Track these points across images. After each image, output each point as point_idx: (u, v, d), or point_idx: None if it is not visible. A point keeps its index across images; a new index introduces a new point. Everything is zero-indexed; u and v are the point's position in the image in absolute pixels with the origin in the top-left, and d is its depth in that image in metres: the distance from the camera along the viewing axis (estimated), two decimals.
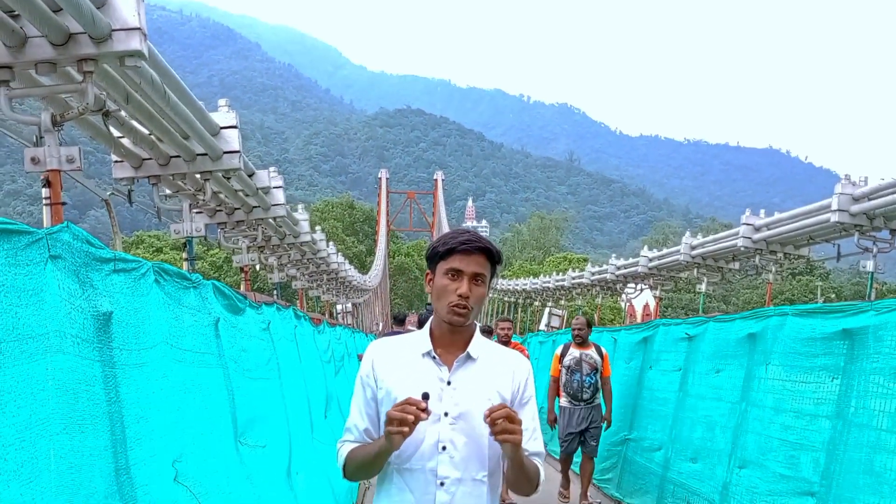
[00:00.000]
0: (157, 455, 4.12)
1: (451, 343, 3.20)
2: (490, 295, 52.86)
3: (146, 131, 6.60)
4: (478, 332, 3.27)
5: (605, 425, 11.41)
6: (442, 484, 3.05)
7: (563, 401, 11.44)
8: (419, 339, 3.25)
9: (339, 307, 31.80)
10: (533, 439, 3.22)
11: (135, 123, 6.40)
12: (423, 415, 2.80)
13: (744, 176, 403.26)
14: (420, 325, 16.07)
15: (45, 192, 4.74)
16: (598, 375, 11.27)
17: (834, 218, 10.82)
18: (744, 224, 13.99)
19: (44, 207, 4.76)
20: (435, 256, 3.18)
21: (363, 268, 65.17)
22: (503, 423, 2.82)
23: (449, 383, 3.12)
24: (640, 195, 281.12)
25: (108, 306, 3.64)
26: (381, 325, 61.69)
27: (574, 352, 11.38)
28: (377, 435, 3.19)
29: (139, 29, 4.70)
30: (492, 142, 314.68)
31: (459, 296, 3.07)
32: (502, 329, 11.87)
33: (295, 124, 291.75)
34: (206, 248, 57.42)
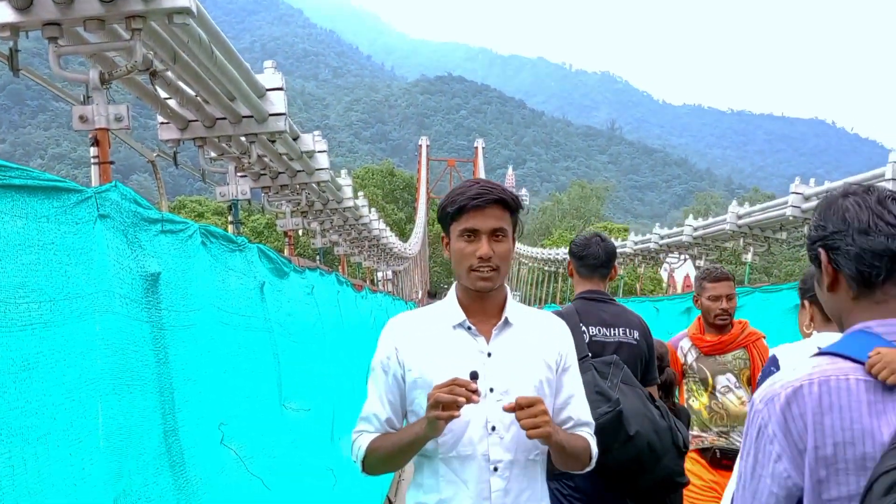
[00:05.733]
0: (204, 417, 4.11)
1: (482, 310, 2.85)
2: (529, 264, 52.59)
3: (192, 93, 6.56)
4: (510, 294, 2.93)
5: None
6: (496, 469, 2.71)
7: None
8: (447, 310, 2.88)
9: (379, 274, 31.88)
10: (578, 406, 2.91)
11: (181, 84, 6.36)
12: (474, 397, 2.50)
13: (788, 146, 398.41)
14: None
15: (93, 150, 4.72)
16: None
17: (889, 187, 10.59)
18: (793, 193, 13.77)
19: (92, 167, 4.74)
20: (446, 217, 2.83)
21: (403, 235, 65.28)
22: (528, 419, 2.53)
23: (489, 355, 2.78)
24: (682, 165, 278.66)
25: (156, 267, 3.61)
26: (420, 292, 61.81)
27: None
28: (399, 425, 2.87)
29: None
30: (533, 110, 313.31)
31: (480, 258, 2.71)
32: (714, 297, 5.61)
33: (336, 91, 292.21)
34: (246, 213, 57.79)
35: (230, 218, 8.37)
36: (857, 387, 1.80)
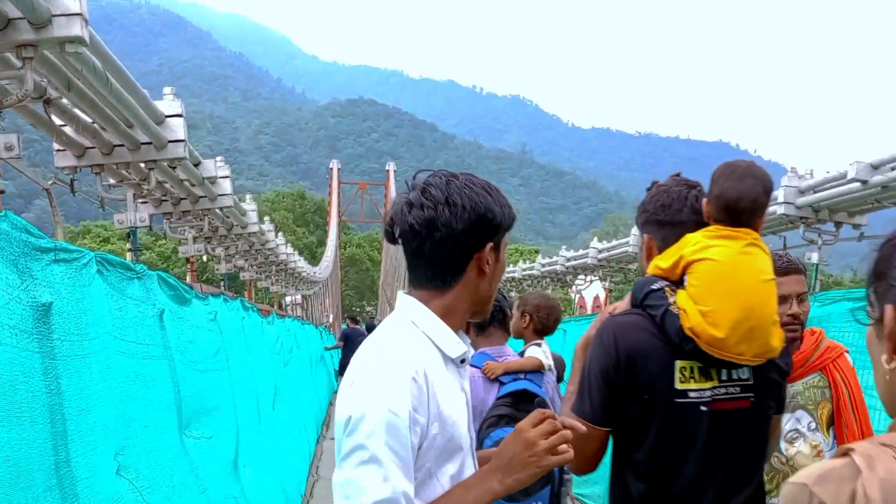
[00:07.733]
0: (99, 448, 4.07)
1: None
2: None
3: (89, 119, 6.49)
4: None
5: None
6: None
7: None
8: (447, 337, 2.14)
9: (288, 299, 31.60)
10: None
11: (77, 111, 6.29)
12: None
13: (694, 168, 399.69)
14: None
15: None
16: None
17: (780, 210, 10.85)
18: None
19: None
20: (499, 224, 2.18)
21: (314, 259, 64.84)
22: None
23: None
24: (592, 187, 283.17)
25: (48, 297, 3.58)
26: (331, 317, 61.42)
27: None
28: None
29: (80, 15, 4.61)
30: (444, 133, 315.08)
31: None
32: (780, 298, 2.88)
33: (245, 114, 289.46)
34: (154, 238, 56.77)
35: (129, 245, 8.28)
36: (479, 379, 4.26)
